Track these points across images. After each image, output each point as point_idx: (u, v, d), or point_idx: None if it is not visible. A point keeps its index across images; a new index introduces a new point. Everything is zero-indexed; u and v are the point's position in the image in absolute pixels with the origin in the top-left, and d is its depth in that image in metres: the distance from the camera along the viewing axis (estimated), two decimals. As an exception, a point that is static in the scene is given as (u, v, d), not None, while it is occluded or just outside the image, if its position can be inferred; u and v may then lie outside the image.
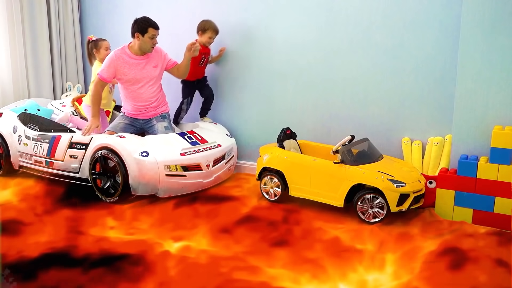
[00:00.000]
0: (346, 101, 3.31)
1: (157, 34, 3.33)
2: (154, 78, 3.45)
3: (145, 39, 3.29)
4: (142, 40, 3.30)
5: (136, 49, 3.35)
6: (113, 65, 3.32)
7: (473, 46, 2.67)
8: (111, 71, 3.33)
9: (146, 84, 3.42)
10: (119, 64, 3.32)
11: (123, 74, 3.34)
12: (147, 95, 3.45)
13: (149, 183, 3.01)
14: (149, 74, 3.41)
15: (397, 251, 2.35)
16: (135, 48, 3.35)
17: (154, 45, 3.36)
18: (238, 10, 3.66)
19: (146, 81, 3.42)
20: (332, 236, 2.53)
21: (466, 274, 2.11)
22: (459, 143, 2.79)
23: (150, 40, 3.31)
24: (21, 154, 3.59)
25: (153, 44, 3.34)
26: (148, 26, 3.28)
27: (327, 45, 3.33)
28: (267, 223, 2.72)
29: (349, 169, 2.76)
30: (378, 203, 2.67)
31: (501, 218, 2.58)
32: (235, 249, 2.42)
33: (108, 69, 3.32)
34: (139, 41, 3.31)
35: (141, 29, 3.28)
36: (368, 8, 3.13)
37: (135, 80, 3.38)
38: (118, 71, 3.33)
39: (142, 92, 3.43)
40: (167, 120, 3.54)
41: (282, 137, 3.17)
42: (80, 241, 2.48)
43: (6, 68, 4.10)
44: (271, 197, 3.10)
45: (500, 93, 2.64)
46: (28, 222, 2.74)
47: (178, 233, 2.61)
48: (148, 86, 3.43)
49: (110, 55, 3.36)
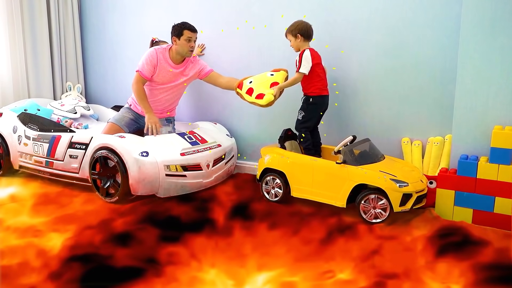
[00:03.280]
0: (346, 101, 3.31)
1: (193, 37, 3.32)
2: (179, 87, 3.47)
3: (181, 42, 3.29)
4: (179, 43, 3.30)
5: (174, 54, 3.36)
6: (154, 62, 3.31)
7: (473, 46, 2.67)
8: (151, 69, 3.32)
9: (169, 90, 3.44)
10: (160, 62, 3.32)
11: (156, 73, 3.35)
12: (163, 99, 3.46)
13: (149, 183, 3.00)
14: (177, 84, 3.42)
15: (397, 251, 2.35)
16: (173, 53, 3.36)
17: (192, 48, 3.35)
18: (238, 9, 3.66)
19: (170, 87, 3.43)
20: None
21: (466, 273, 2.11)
22: (459, 143, 2.79)
23: (187, 43, 3.30)
24: (21, 154, 3.59)
25: (190, 48, 3.33)
26: (183, 28, 3.29)
27: (327, 44, 3.33)
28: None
29: (351, 169, 2.76)
30: (381, 204, 2.67)
31: (501, 218, 2.58)
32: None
33: (149, 66, 3.31)
34: (176, 45, 3.32)
35: (177, 32, 3.29)
36: (368, 8, 3.13)
37: (161, 83, 3.39)
38: (155, 69, 3.33)
39: (160, 94, 3.43)
40: (171, 124, 3.54)
41: (284, 138, 3.17)
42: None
43: (6, 68, 4.10)
44: (272, 198, 3.10)
45: (500, 93, 2.64)
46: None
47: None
48: (170, 92, 3.45)
49: (151, 52, 3.34)
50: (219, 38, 3.77)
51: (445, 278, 2.11)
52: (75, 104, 4.09)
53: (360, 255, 2.32)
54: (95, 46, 4.57)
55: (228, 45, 3.75)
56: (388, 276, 2.11)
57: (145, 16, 4.14)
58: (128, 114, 3.51)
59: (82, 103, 4.16)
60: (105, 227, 2.65)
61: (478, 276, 2.08)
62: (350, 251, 2.37)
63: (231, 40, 3.73)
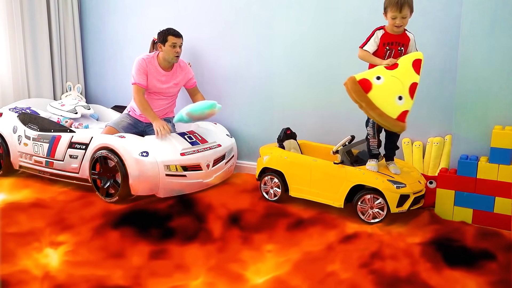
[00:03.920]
0: (346, 101, 3.29)
1: (178, 42, 3.34)
2: (172, 94, 3.51)
3: (166, 48, 3.32)
4: (164, 50, 3.33)
5: (162, 60, 3.39)
6: (144, 69, 3.34)
7: (473, 46, 2.67)
8: (144, 77, 3.34)
9: (162, 96, 3.48)
10: (149, 69, 3.35)
11: (147, 80, 3.37)
12: (159, 105, 3.48)
13: (149, 183, 3.01)
14: (168, 89, 3.45)
15: (396, 251, 2.35)
16: (161, 60, 3.39)
17: (178, 54, 3.38)
18: (238, 9, 3.66)
19: (162, 94, 3.47)
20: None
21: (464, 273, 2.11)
22: (459, 143, 2.79)
23: (172, 49, 3.33)
24: (21, 154, 3.59)
25: (175, 53, 3.35)
26: (167, 34, 3.32)
27: (327, 44, 3.33)
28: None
29: (349, 169, 2.76)
30: (378, 203, 2.67)
31: (501, 218, 2.58)
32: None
33: (141, 75, 3.33)
34: (162, 51, 3.35)
35: (161, 39, 3.33)
36: (368, 7, 3.13)
37: (153, 90, 3.42)
38: (147, 76, 3.35)
39: (154, 100, 3.45)
40: (170, 124, 3.53)
41: (282, 137, 3.17)
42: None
43: (6, 68, 4.09)
44: (271, 197, 3.10)
45: (500, 93, 2.64)
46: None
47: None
48: (163, 98, 3.49)
49: (139, 61, 3.36)
50: (219, 38, 3.77)
51: (450, 283, 2.09)
52: (76, 104, 4.09)
53: (360, 257, 2.30)
54: (95, 46, 4.57)
55: (228, 45, 3.75)
56: (390, 280, 2.10)
57: (145, 16, 4.14)
58: (127, 119, 3.52)
59: (82, 103, 4.16)
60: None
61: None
62: (350, 255, 2.32)
63: (231, 40, 3.72)
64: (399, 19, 2.54)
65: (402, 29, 2.59)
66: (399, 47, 2.60)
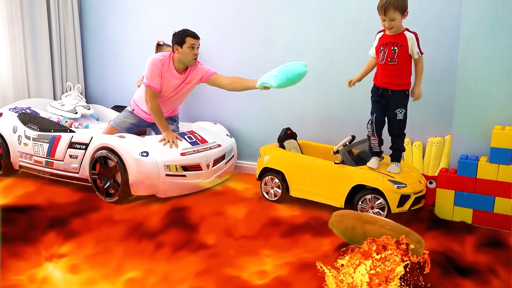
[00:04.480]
0: (347, 101, 3.31)
1: (196, 43, 3.17)
2: (183, 95, 3.39)
3: (184, 50, 3.14)
4: (181, 52, 3.15)
5: (177, 62, 3.21)
6: (159, 71, 3.18)
7: (473, 46, 2.67)
8: (159, 80, 3.19)
9: (172, 98, 3.34)
10: (164, 70, 3.20)
11: (161, 83, 3.23)
12: (168, 106, 3.37)
13: (149, 183, 3.01)
14: (180, 92, 3.32)
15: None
16: (176, 62, 3.22)
17: (196, 56, 3.21)
18: (238, 9, 3.66)
19: (173, 95, 3.33)
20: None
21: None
22: (459, 143, 2.79)
23: (190, 51, 3.15)
24: (21, 154, 3.59)
25: (194, 55, 3.19)
26: (185, 36, 3.14)
27: (327, 45, 3.33)
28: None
29: (350, 169, 2.76)
30: (379, 204, 2.67)
31: (501, 218, 2.58)
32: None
33: (156, 77, 3.18)
34: (179, 53, 3.17)
35: (179, 40, 3.15)
36: (368, 8, 3.13)
37: (166, 94, 3.28)
38: (161, 79, 3.21)
39: (164, 101, 3.33)
40: (175, 123, 3.52)
41: (283, 137, 3.17)
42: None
43: (6, 68, 4.09)
44: (271, 197, 3.10)
45: (500, 93, 2.64)
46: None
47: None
48: (173, 100, 3.36)
49: (155, 61, 3.19)
50: (219, 38, 3.77)
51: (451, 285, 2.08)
52: (76, 104, 4.09)
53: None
54: (95, 46, 4.57)
55: (228, 45, 3.75)
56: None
57: (145, 16, 4.14)
58: (130, 119, 3.43)
59: (82, 103, 4.16)
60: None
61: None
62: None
63: (231, 40, 3.73)
64: (388, 22, 2.57)
65: (394, 30, 2.61)
66: (392, 47, 2.62)
